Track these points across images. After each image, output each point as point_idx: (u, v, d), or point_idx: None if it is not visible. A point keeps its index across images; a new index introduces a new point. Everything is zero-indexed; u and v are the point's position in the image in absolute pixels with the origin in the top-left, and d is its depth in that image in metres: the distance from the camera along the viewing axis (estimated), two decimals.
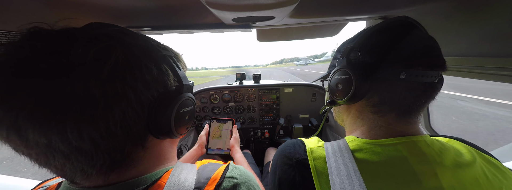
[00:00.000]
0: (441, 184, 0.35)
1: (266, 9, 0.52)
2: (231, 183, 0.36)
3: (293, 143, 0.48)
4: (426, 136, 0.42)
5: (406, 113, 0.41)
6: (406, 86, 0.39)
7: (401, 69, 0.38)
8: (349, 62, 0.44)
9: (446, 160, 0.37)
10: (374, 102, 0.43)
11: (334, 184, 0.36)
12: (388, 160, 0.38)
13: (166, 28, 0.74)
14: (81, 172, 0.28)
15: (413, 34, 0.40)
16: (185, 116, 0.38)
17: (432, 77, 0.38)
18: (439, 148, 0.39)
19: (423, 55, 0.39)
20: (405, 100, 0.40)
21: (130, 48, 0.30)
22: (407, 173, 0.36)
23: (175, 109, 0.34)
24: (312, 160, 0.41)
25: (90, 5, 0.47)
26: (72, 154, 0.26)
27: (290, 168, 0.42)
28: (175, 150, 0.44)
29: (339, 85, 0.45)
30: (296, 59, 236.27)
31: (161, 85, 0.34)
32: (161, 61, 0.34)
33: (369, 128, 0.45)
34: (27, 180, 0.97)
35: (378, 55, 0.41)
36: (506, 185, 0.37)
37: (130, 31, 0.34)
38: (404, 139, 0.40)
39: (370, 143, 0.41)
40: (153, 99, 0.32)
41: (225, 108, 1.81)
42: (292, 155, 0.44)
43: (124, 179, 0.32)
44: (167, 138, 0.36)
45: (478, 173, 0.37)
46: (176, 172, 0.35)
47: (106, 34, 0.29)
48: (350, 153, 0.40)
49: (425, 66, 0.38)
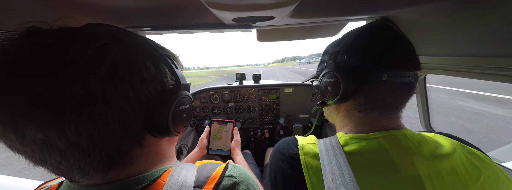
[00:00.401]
0: (418, 173, 0.37)
1: (266, 9, 0.52)
2: (231, 181, 0.36)
3: (287, 140, 0.52)
4: (407, 130, 0.45)
5: (388, 110, 0.45)
6: (388, 87, 0.43)
7: (383, 71, 0.41)
8: (336, 65, 0.47)
9: (424, 151, 0.40)
10: (361, 101, 0.47)
11: (326, 178, 0.39)
12: (372, 152, 0.41)
13: (166, 28, 0.73)
14: (78, 170, 0.28)
15: (393, 37, 0.44)
16: (183, 114, 0.39)
17: (409, 77, 0.43)
18: (418, 141, 0.42)
19: (402, 57, 0.43)
20: (388, 98, 0.44)
21: (128, 47, 0.30)
22: (387, 164, 0.39)
23: (172, 106, 0.35)
24: (303, 155, 0.45)
25: (89, 5, 0.47)
26: (69, 151, 0.26)
27: (284, 162, 0.46)
28: (174, 150, 0.45)
29: (329, 87, 0.49)
30: (298, 58, 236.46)
31: (159, 83, 0.34)
32: (159, 60, 0.35)
33: (355, 125, 0.49)
34: (27, 180, 0.97)
35: (363, 58, 0.44)
36: (485, 174, 0.39)
37: (128, 31, 0.35)
38: (385, 133, 0.43)
39: (355, 138, 0.45)
40: (151, 96, 0.32)
41: (225, 108, 1.80)
42: (285, 151, 0.48)
43: (123, 177, 0.32)
44: (165, 136, 0.36)
45: (456, 163, 0.39)
46: (176, 171, 0.36)
47: (104, 33, 0.29)
48: (341, 149, 0.43)
49: (404, 67, 0.42)
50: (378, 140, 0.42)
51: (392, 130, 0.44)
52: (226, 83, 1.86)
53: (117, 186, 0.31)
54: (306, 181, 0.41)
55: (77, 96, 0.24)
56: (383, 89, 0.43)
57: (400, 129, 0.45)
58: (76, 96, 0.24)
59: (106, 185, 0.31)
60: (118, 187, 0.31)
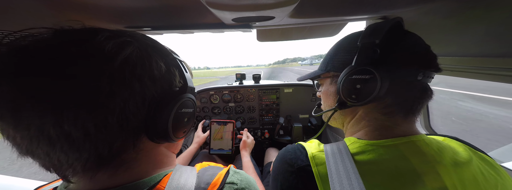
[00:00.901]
0: (444, 184, 0.34)
1: (266, 9, 0.52)
2: (232, 189, 0.36)
3: (293, 148, 0.46)
4: (423, 135, 0.42)
5: (411, 113, 0.42)
6: (420, 87, 0.41)
7: (420, 70, 0.39)
8: (371, 60, 0.40)
9: (445, 159, 0.37)
10: (388, 102, 0.42)
11: (334, 186, 0.36)
12: (392, 160, 0.37)
13: (166, 28, 0.73)
14: (67, 165, 0.27)
15: (419, 37, 0.42)
16: (184, 117, 0.37)
17: (433, 78, 0.41)
18: (437, 147, 0.39)
19: (434, 57, 0.41)
20: (417, 100, 0.41)
21: (146, 46, 0.32)
22: (410, 173, 0.36)
23: (175, 107, 0.34)
24: (315, 166, 0.40)
25: (90, 5, 0.47)
26: (59, 141, 0.25)
27: (292, 176, 0.41)
28: (174, 157, 0.43)
29: (359, 85, 0.41)
30: (299, 59, 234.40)
31: (167, 83, 0.34)
32: (171, 62, 0.36)
33: (374, 129, 0.44)
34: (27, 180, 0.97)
35: (407, 54, 0.40)
36: (501, 183, 0.37)
37: (149, 36, 0.36)
38: (404, 139, 0.40)
39: (372, 144, 0.40)
40: (156, 94, 0.32)
41: (225, 108, 1.80)
42: (294, 162, 0.42)
43: (120, 182, 0.31)
44: (163, 141, 0.35)
45: (475, 171, 0.37)
46: (176, 175, 0.35)
47: (126, 33, 0.32)
48: (350, 155, 0.39)
49: (436, 68, 0.40)
50: (397, 147, 0.39)
51: (411, 135, 0.41)
52: (226, 83, 1.86)
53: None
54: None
55: (84, 85, 0.25)
56: (416, 90, 0.40)
57: (418, 134, 0.41)
58: (83, 85, 0.25)
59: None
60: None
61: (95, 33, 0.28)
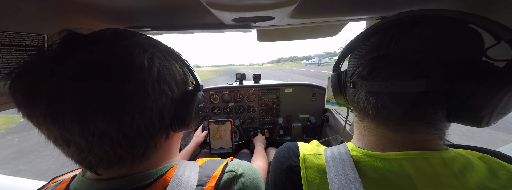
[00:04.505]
0: None
1: (266, 10, 0.52)
2: (231, 175, 0.39)
3: (288, 147, 0.47)
4: (447, 151, 0.33)
5: (430, 122, 0.33)
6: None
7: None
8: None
9: (465, 185, 0.29)
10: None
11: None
12: (388, 177, 0.32)
13: (166, 28, 0.73)
14: (118, 159, 0.31)
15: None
16: (200, 110, 0.44)
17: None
18: (462, 167, 0.31)
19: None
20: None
21: (165, 54, 0.36)
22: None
23: (195, 103, 0.39)
24: (304, 169, 0.39)
25: (90, 5, 0.47)
26: (119, 141, 0.29)
27: (282, 173, 0.42)
28: (179, 146, 0.48)
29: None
30: (295, 59, 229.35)
31: (185, 84, 0.39)
32: (182, 64, 0.40)
33: (379, 138, 0.38)
34: (27, 180, 0.97)
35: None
36: None
37: (153, 38, 0.39)
38: (413, 154, 0.33)
39: (370, 156, 0.36)
40: (179, 95, 0.37)
41: (225, 108, 1.81)
42: (284, 160, 0.43)
43: (135, 172, 0.35)
44: (184, 130, 0.40)
45: None
46: (180, 169, 0.38)
47: (146, 43, 0.34)
48: (352, 163, 0.36)
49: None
50: (400, 162, 0.32)
51: (425, 151, 0.33)
52: (226, 83, 1.86)
53: (126, 181, 0.33)
54: None
55: (136, 94, 0.29)
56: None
57: (436, 150, 0.33)
58: (136, 94, 0.29)
59: (117, 180, 0.33)
60: (128, 182, 0.33)
61: (130, 47, 0.31)
